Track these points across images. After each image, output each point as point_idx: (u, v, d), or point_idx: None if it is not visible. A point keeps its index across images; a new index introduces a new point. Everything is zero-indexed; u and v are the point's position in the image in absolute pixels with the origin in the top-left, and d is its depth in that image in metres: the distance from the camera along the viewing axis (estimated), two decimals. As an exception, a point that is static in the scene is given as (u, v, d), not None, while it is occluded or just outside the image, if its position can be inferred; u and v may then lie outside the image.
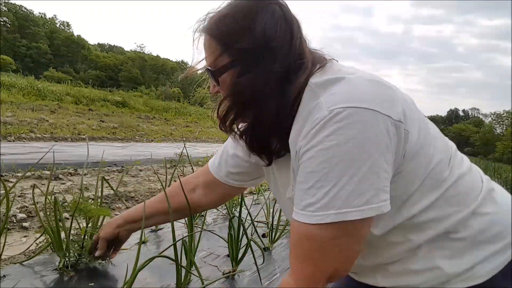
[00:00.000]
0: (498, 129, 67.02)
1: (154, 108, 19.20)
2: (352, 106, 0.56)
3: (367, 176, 0.55)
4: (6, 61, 30.37)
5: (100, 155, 4.86)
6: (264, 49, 0.66)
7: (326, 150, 0.56)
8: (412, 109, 0.64)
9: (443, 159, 0.67)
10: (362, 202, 0.55)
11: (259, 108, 0.67)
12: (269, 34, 0.66)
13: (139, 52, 57.81)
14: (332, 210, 0.55)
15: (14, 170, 3.52)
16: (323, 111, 0.58)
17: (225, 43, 0.68)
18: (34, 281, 1.21)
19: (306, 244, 0.59)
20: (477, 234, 0.65)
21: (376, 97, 0.59)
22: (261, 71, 0.66)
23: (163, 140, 9.62)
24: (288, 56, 0.67)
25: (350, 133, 0.55)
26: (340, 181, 0.55)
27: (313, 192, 0.57)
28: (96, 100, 16.38)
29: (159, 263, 1.44)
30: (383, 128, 0.56)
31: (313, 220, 0.57)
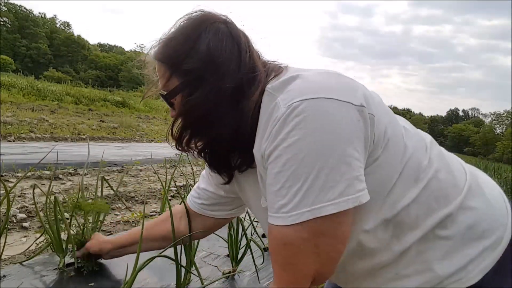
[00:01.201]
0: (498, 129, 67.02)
1: (154, 108, 19.20)
2: (309, 98, 0.55)
3: (336, 167, 0.52)
4: (6, 61, 30.37)
5: (100, 155, 4.85)
6: (210, 67, 0.66)
7: (290, 147, 0.54)
8: (377, 102, 0.63)
9: (418, 148, 0.65)
10: (336, 194, 0.52)
11: (215, 126, 0.67)
12: (213, 52, 0.66)
13: (139, 52, 57.82)
14: (306, 208, 0.53)
15: (14, 170, 3.53)
16: (281, 109, 0.57)
17: (173, 65, 0.69)
18: (34, 281, 1.21)
19: (284, 250, 0.56)
20: (466, 231, 0.62)
21: (333, 86, 0.58)
22: (210, 89, 0.65)
23: (163, 140, 9.61)
24: (239, 71, 0.66)
25: (311, 125, 0.53)
26: (309, 177, 0.52)
27: (284, 192, 0.55)
28: (96, 100, 16.38)
29: (159, 263, 1.44)
30: (345, 115, 0.54)
31: (288, 221, 0.54)
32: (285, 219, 0.55)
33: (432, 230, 0.62)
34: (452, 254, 0.62)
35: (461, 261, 0.61)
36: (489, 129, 64.57)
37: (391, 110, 0.69)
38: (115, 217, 2.45)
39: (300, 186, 0.53)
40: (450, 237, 0.62)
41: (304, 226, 0.53)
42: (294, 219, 0.53)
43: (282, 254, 0.57)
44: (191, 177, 3.38)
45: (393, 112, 0.70)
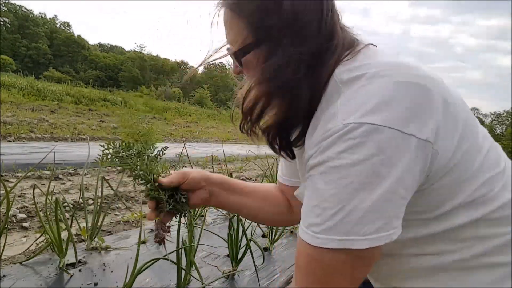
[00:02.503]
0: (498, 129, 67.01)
1: (154, 108, 19.21)
2: (370, 122, 0.49)
3: (380, 202, 0.49)
4: (6, 61, 30.37)
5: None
6: (293, 27, 0.59)
7: (337, 169, 0.51)
8: (456, 114, 0.55)
9: (493, 175, 0.58)
10: (372, 230, 0.50)
11: (292, 94, 0.60)
12: (298, 10, 0.59)
13: (139, 52, 57.79)
14: (337, 236, 0.51)
15: (14, 170, 3.53)
16: (338, 123, 0.51)
17: (250, 19, 0.62)
18: (34, 281, 1.21)
19: (313, 265, 0.55)
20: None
21: (401, 110, 0.50)
22: (291, 51, 0.59)
23: (163, 140, 9.61)
24: (319, 35, 0.60)
25: (365, 153, 0.49)
26: (348, 205, 0.50)
27: (318, 211, 0.52)
28: (96, 100, 16.38)
29: (159, 263, 1.44)
30: (403, 150, 0.49)
31: (315, 242, 0.52)
32: (313, 238, 0.53)
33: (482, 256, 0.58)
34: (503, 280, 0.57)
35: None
36: (489, 129, 64.46)
37: (473, 117, 0.61)
38: (115, 217, 2.45)
39: (336, 211, 0.51)
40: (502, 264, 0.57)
41: (335, 251, 0.52)
42: (321, 242, 0.52)
43: (312, 269, 0.56)
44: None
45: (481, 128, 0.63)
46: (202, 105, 29.99)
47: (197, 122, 17.50)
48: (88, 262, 1.40)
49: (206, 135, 12.82)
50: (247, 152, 6.90)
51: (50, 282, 1.21)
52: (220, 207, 0.97)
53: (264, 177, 3.99)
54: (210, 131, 14.28)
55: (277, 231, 1.87)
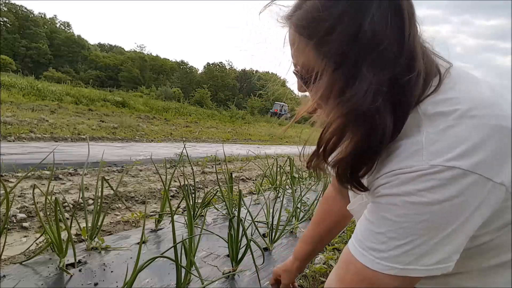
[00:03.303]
0: (498, 129, 67.08)
1: (154, 108, 19.20)
2: (457, 166, 0.49)
3: (447, 240, 0.51)
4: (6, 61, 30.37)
5: (100, 155, 4.85)
6: (371, 50, 0.52)
7: (413, 205, 0.51)
8: None
9: None
10: (433, 262, 0.52)
11: (372, 124, 0.54)
12: (377, 31, 0.52)
13: (139, 52, 57.80)
14: (399, 265, 0.53)
15: (14, 170, 3.53)
16: (423, 163, 0.51)
17: (321, 44, 0.55)
18: (34, 281, 1.21)
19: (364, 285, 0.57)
20: None
21: (488, 156, 0.49)
22: (370, 80, 0.52)
23: (163, 140, 9.62)
24: (400, 57, 0.53)
25: (446, 195, 0.49)
26: (417, 240, 0.51)
27: (383, 239, 0.54)
28: (96, 100, 16.38)
29: (159, 263, 1.44)
30: (480, 192, 0.50)
31: (374, 266, 0.55)
32: (372, 262, 0.55)
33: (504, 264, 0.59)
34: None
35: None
36: (489, 129, 64.59)
37: None
38: (115, 217, 2.45)
39: (403, 244, 0.52)
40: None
41: (394, 278, 0.54)
42: (381, 268, 0.54)
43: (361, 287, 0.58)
44: (191, 177, 3.38)
45: None
46: (202, 105, 30.01)
47: (197, 122, 17.50)
48: (88, 262, 1.40)
49: (206, 135, 12.81)
50: (247, 152, 6.90)
51: (50, 282, 1.21)
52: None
53: (264, 177, 3.99)
54: (210, 131, 14.27)
55: (277, 231, 1.87)
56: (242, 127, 18.07)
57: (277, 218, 1.86)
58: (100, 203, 1.62)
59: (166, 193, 1.40)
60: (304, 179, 3.75)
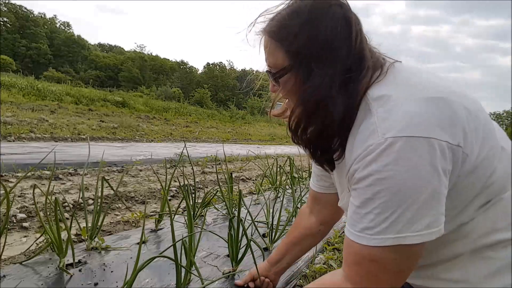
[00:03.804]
0: (498, 129, 67.01)
1: (154, 108, 19.21)
2: (407, 135, 0.56)
3: (427, 202, 0.56)
4: (6, 61, 30.37)
5: (100, 155, 4.85)
6: (326, 52, 0.67)
7: (385, 180, 0.57)
8: (477, 124, 0.62)
9: (505, 175, 0.64)
10: (422, 226, 0.57)
11: (327, 111, 0.67)
12: (330, 37, 0.66)
13: (139, 52, 57.79)
14: (391, 234, 0.57)
15: (14, 170, 3.53)
16: (378, 138, 0.58)
17: (287, 45, 0.69)
18: (34, 281, 1.21)
19: (370, 265, 0.62)
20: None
21: (432, 121, 0.57)
22: (324, 74, 0.66)
23: (163, 140, 9.62)
24: (349, 57, 0.67)
25: (408, 163, 0.56)
26: (399, 209, 0.56)
27: (371, 217, 0.59)
28: (96, 100, 16.38)
29: (159, 263, 1.44)
30: (440, 154, 0.56)
31: (371, 242, 0.59)
32: (369, 240, 0.60)
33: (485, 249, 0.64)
34: (494, 275, 0.64)
35: (500, 284, 0.63)
36: (489, 129, 64.50)
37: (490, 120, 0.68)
38: (115, 217, 2.45)
39: (388, 215, 0.57)
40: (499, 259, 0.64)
41: (390, 249, 0.58)
42: (377, 242, 0.59)
43: (366, 269, 0.62)
44: (191, 177, 3.38)
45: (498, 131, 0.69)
46: (202, 105, 29.99)
47: (197, 122, 17.50)
48: (88, 262, 1.40)
49: (206, 135, 12.81)
50: (247, 152, 6.90)
51: (50, 282, 1.21)
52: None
53: (264, 177, 3.99)
54: (210, 131, 14.28)
55: (277, 231, 1.87)
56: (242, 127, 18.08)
57: (277, 218, 1.86)
58: (100, 203, 1.62)
59: (165, 193, 1.40)
60: (304, 179, 3.75)
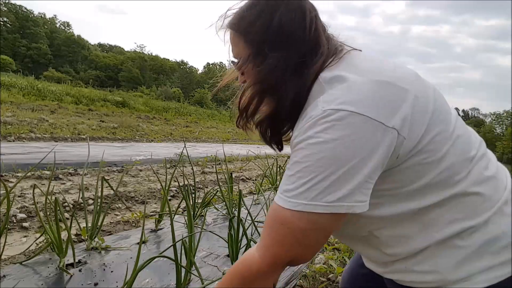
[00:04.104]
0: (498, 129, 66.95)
1: (154, 108, 19.21)
2: (344, 109, 0.59)
3: (344, 176, 0.58)
4: (6, 61, 30.37)
5: (100, 155, 4.85)
6: (281, 39, 0.71)
7: (313, 145, 0.60)
8: (425, 107, 0.64)
9: (460, 160, 0.66)
10: (334, 199, 0.58)
11: (280, 92, 0.71)
12: (285, 26, 0.71)
13: (139, 52, 57.80)
14: (304, 200, 0.59)
15: (14, 170, 3.53)
16: (318, 110, 0.62)
17: (247, 36, 0.75)
18: (34, 281, 1.21)
19: (280, 228, 0.64)
20: (485, 244, 0.64)
21: (373, 102, 0.60)
22: (279, 59, 0.71)
23: (163, 140, 9.62)
24: (304, 44, 0.72)
25: (337, 134, 0.58)
26: (318, 176, 0.59)
27: (293, 180, 0.62)
28: (96, 100, 16.39)
29: (159, 263, 1.44)
30: (371, 133, 0.58)
31: (286, 204, 0.61)
32: (285, 201, 0.62)
33: (451, 238, 0.65)
34: (463, 263, 0.65)
35: (470, 271, 0.64)
36: (489, 129, 64.49)
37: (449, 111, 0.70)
38: (115, 217, 2.45)
39: (307, 180, 0.59)
40: (466, 247, 0.65)
41: (302, 216, 0.60)
42: (291, 205, 0.61)
43: (278, 231, 0.64)
44: (191, 177, 3.38)
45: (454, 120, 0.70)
46: (202, 105, 29.97)
47: (197, 122, 17.50)
48: (88, 262, 1.40)
49: (206, 135, 12.82)
50: (247, 152, 6.90)
51: (50, 282, 1.21)
52: None
53: (264, 177, 3.99)
54: (210, 131, 14.28)
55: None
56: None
57: (277, 218, 1.86)
58: (100, 203, 1.62)
59: (165, 193, 1.40)
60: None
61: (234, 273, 0.71)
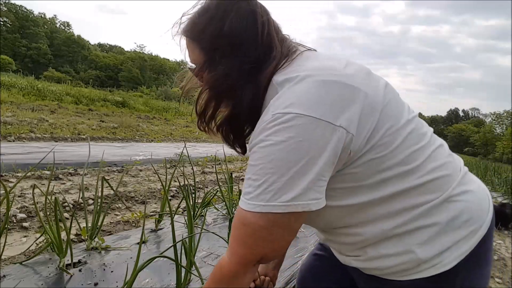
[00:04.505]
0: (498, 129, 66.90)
1: (154, 108, 19.21)
2: (291, 112, 0.61)
3: (296, 176, 0.60)
4: (6, 61, 30.37)
5: (100, 155, 4.85)
6: (233, 45, 0.73)
7: (263, 148, 0.63)
8: (374, 104, 0.66)
9: (414, 150, 0.69)
10: (289, 198, 0.61)
11: (236, 97, 0.74)
12: (236, 31, 0.72)
13: (139, 52, 57.81)
14: (261, 202, 0.62)
15: (14, 170, 3.53)
16: (269, 115, 0.64)
17: (199, 41, 0.76)
18: (34, 281, 1.21)
19: (242, 229, 0.66)
20: (450, 221, 0.69)
21: (319, 102, 0.62)
22: (232, 64, 0.73)
23: (163, 140, 9.62)
24: (257, 49, 0.73)
25: (285, 135, 0.60)
26: (271, 178, 0.61)
27: (250, 183, 0.64)
28: (96, 100, 16.39)
29: (159, 263, 1.44)
30: (318, 133, 0.60)
31: (246, 207, 0.64)
32: (245, 204, 0.64)
33: (417, 219, 0.69)
34: (433, 240, 0.68)
35: (440, 247, 0.68)
36: (489, 129, 64.43)
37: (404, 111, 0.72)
38: (115, 217, 2.45)
39: (262, 183, 0.62)
40: (433, 225, 0.68)
41: (261, 216, 0.62)
42: (250, 207, 0.63)
43: (240, 231, 0.67)
44: (191, 177, 3.38)
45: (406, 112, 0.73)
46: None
47: (197, 122, 17.45)
48: (88, 262, 1.40)
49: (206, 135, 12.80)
50: (247, 152, 6.89)
51: (50, 282, 1.21)
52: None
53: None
54: (210, 131, 14.24)
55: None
56: (242, 127, 18.00)
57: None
58: (100, 203, 1.62)
59: (165, 193, 1.40)
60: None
61: (211, 277, 0.74)
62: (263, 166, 0.62)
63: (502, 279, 2.63)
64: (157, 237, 1.80)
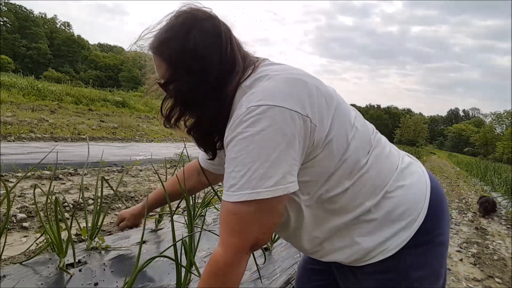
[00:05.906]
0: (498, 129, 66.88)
1: (154, 108, 19.19)
2: (264, 104, 0.67)
3: (276, 162, 0.66)
4: (6, 61, 30.37)
5: (100, 155, 4.85)
6: (196, 62, 0.77)
7: (242, 140, 0.67)
8: (329, 104, 0.75)
9: (360, 149, 0.78)
10: (272, 183, 0.66)
11: (199, 110, 0.80)
12: (199, 49, 0.77)
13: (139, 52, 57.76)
14: (247, 190, 0.66)
15: (14, 170, 3.53)
16: (243, 109, 0.69)
17: (165, 58, 0.80)
18: (34, 281, 1.21)
19: (232, 219, 0.70)
20: (386, 215, 0.78)
21: (286, 95, 0.69)
22: (196, 80, 0.77)
23: (163, 140, 9.62)
24: (220, 64, 0.78)
25: (262, 125, 0.66)
26: (253, 166, 0.66)
27: (234, 175, 0.68)
28: (96, 100, 16.39)
29: (159, 263, 1.44)
30: (290, 121, 0.67)
31: (232, 198, 0.68)
32: (231, 197, 0.69)
33: (359, 216, 0.78)
34: (374, 232, 0.78)
35: (381, 237, 0.77)
36: (489, 129, 64.41)
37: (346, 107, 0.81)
38: (115, 217, 2.45)
39: (245, 172, 0.67)
40: (373, 220, 0.78)
41: (249, 203, 0.67)
42: (237, 198, 0.68)
43: (230, 222, 0.71)
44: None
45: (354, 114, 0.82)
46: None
47: (197, 122, 17.46)
48: (88, 262, 1.40)
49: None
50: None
51: (50, 282, 1.21)
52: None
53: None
54: (210, 131, 14.25)
55: (277, 231, 1.87)
56: (242, 127, 18.00)
57: (277, 218, 1.86)
58: (100, 203, 1.62)
59: (166, 193, 1.39)
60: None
61: (206, 273, 0.75)
62: (244, 157, 0.67)
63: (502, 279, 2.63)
64: (157, 237, 1.80)
